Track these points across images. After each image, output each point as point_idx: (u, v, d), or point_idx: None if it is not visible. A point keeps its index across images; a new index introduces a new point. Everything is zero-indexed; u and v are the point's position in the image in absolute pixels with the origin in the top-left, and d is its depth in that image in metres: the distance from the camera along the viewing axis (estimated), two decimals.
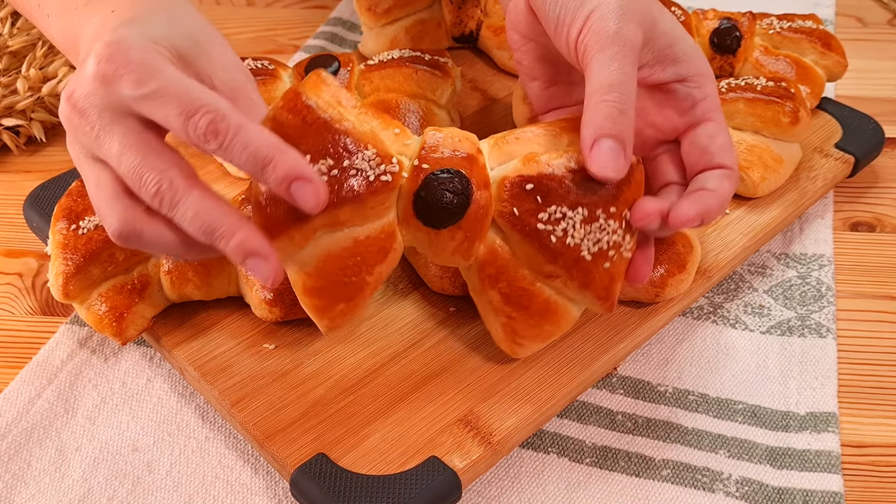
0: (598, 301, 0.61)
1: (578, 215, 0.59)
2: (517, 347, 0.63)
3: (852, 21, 1.13)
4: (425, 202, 0.58)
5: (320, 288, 0.58)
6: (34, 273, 0.78)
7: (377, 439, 0.61)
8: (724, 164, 0.63)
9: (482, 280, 0.61)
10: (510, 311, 0.61)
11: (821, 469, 0.63)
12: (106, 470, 0.63)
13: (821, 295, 0.75)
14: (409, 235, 0.60)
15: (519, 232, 0.59)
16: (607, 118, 0.58)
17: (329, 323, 0.59)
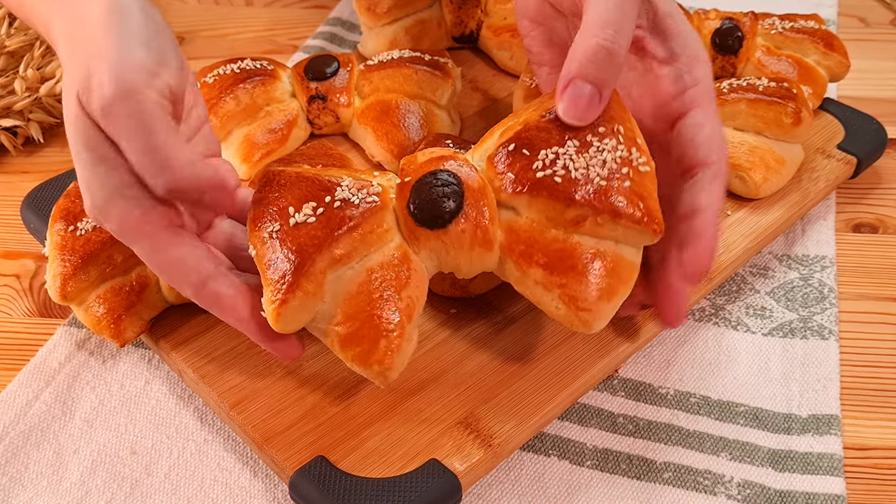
0: (638, 226, 0.57)
1: (570, 148, 0.57)
2: (586, 314, 0.58)
3: (854, 21, 1.13)
4: (420, 206, 0.57)
5: (354, 332, 0.56)
6: (32, 274, 0.78)
7: (377, 442, 0.61)
8: (708, 160, 0.61)
9: (518, 264, 0.58)
10: (560, 280, 0.57)
11: (823, 472, 0.63)
12: (104, 472, 0.63)
13: (823, 297, 0.75)
14: (425, 251, 0.59)
15: (524, 193, 0.57)
16: (593, 58, 0.56)
17: (379, 368, 0.56)
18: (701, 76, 0.62)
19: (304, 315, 0.56)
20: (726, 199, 0.79)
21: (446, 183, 0.58)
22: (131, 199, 0.56)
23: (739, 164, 0.77)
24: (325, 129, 0.86)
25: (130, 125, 0.52)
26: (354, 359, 0.56)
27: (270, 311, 0.56)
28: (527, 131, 0.59)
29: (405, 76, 0.83)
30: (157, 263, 0.58)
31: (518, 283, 0.59)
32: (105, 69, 0.53)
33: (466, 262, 0.59)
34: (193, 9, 1.16)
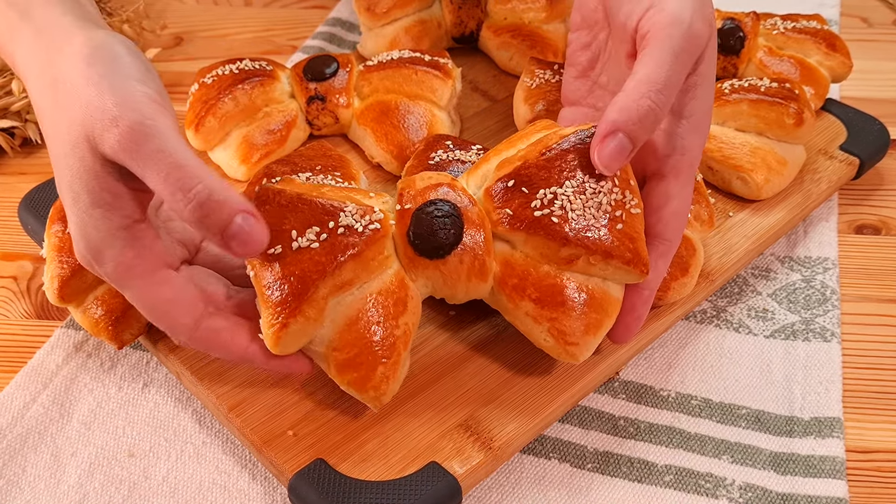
0: (628, 267, 0.59)
1: (569, 189, 0.59)
2: (573, 348, 0.60)
3: (857, 21, 1.13)
4: (420, 235, 0.58)
5: (352, 358, 0.57)
6: (29, 276, 0.78)
7: (376, 444, 0.61)
8: (663, 236, 0.62)
9: (510, 296, 0.60)
10: (549, 314, 0.60)
11: (825, 475, 0.63)
12: (102, 476, 0.63)
13: (825, 299, 0.75)
14: (422, 280, 0.60)
15: (521, 229, 0.59)
16: (644, 118, 0.56)
17: (375, 394, 0.58)
18: (692, 147, 0.62)
19: (302, 339, 0.57)
20: (728, 201, 0.79)
21: (446, 214, 0.59)
22: (126, 239, 0.56)
23: (741, 165, 0.78)
24: (324, 129, 0.86)
25: (155, 151, 0.52)
26: (350, 384, 0.58)
27: (270, 335, 0.56)
28: (526, 168, 0.60)
29: (405, 77, 0.84)
30: (150, 305, 0.58)
31: (508, 314, 0.62)
32: (112, 105, 0.52)
33: (462, 290, 0.61)
34: (192, 9, 1.16)
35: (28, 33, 0.59)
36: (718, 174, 0.79)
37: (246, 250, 0.53)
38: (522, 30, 0.94)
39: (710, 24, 0.61)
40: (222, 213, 0.51)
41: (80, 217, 0.55)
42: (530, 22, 0.95)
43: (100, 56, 0.55)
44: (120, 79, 0.54)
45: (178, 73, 1.03)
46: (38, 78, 0.57)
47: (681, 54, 0.58)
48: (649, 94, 0.57)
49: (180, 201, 0.51)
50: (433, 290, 0.61)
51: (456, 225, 0.59)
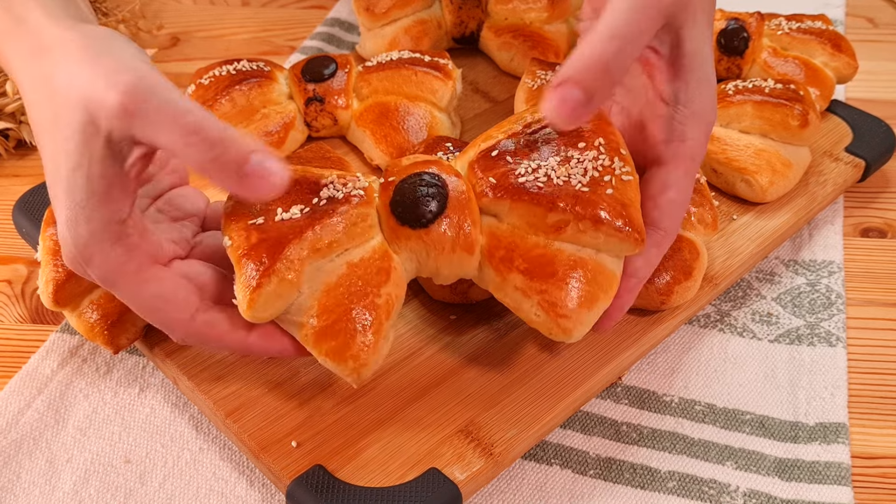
0: (619, 234, 0.57)
1: (552, 160, 0.59)
2: (565, 321, 0.58)
3: (863, 22, 1.14)
4: (402, 203, 0.58)
5: (330, 326, 0.56)
6: (24, 280, 0.79)
7: (376, 450, 0.61)
8: (659, 224, 0.62)
9: (497, 270, 0.59)
10: (539, 286, 0.58)
11: (831, 481, 0.63)
12: (97, 482, 0.64)
13: (830, 303, 0.75)
14: (405, 253, 0.59)
15: (505, 197, 0.58)
16: (590, 68, 0.55)
17: (354, 364, 0.56)
18: (693, 136, 0.62)
19: (278, 303, 0.56)
20: (732, 203, 0.79)
21: (430, 184, 0.58)
22: (114, 236, 0.55)
23: (745, 167, 0.78)
24: (322, 131, 0.86)
25: (161, 103, 0.51)
26: (328, 353, 0.56)
27: (243, 297, 0.55)
28: (508, 138, 0.60)
29: (404, 78, 0.84)
30: (143, 302, 0.57)
31: (497, 290, 0.60)
32: (108, 73, 0.52)
33: (447, 264, 0.59)
34: (189, 9, 1.16)
35: (23, 36, 0.59)
36: (722, 176, 0.79)
37: (263, 189, 0.51)
38: (524, 30, 0.94)
39: None
40: (238, 148, 0.51)
41: (71, 211, 0.54)
42: (532, 22, 0.95)
43: (94, 41, 0.55)
44: (116, 54, 0.54)
45: (174, 74, 1.03)
46: (33, 78, 0.57)
47: (633, 6, 0.56)
48: (600, 41, 0.55)
49: (194, 144, 0.50)
50: (418, 265, 0.60)
51: (440, 194, 0.58)
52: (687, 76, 0.61)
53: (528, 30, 0.94)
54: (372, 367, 0.57)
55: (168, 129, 0.51)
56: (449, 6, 0.96)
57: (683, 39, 0.60)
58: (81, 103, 0.52)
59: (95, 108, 0.52)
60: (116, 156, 0.53)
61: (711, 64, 0.63)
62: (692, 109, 0.62)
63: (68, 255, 0.57)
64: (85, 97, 0.52)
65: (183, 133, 0.51)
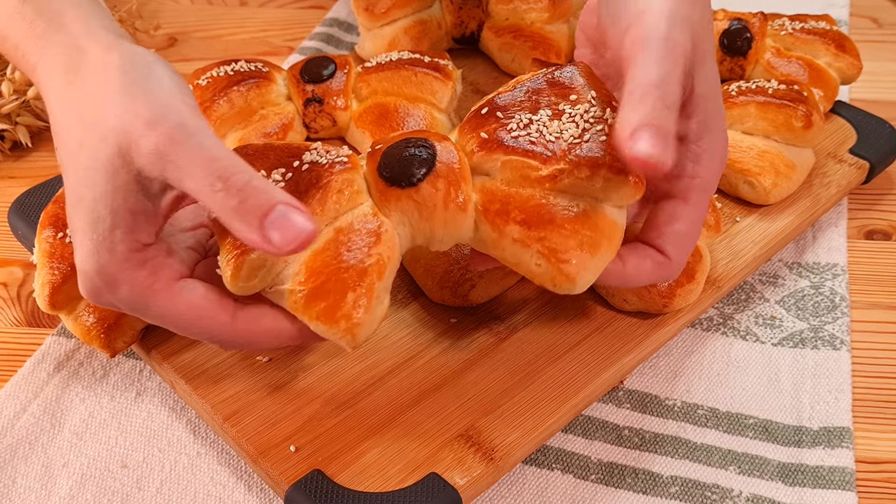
0: (619, 176, 0.57)
1: (544, 115, 0.59)
2: (567, 266, 0.57)
3: (867, 22, 1.14)
4: (389, 165, 0.58)
5: (319, 287, 0.55)
6: (19, 283, 0.79)
7: (375, 455, 0.61)
8: (661, 248, 0.62)
9: (493, 223, 0.58)
10: (537, 233, 0.57)
11: (834, 486, 0.63)
12: (94, 487, 0.64)
13: (834, 305, 0.75)
14: (396, 215, 0.58)
15: (497, 150, 0.58)
16: (653, 109, 0.55)
17: (346, 324, 0.55)
18: (704, 173, 0.62)
19: (262, 271, 0.55)
20: (735, 205, 0.79)
21: (418, 145, 0.58)
22: (137, 261, 0.55)
23: (748, 169, 0.78)
24: (321, 132, 0.86)
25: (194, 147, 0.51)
26: (319, 316, 0.55)
27: (226, 266, 0.55)
28: (499, 96, 0.60)
29: (404, 78, 0.84)
30: (179, 316, 0.57)
31: (495, 246, 0.59)
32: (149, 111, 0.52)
33: (440, 225, 0.58)
34: (187, 9, 1.16)
35: (58, 44, 0.57)
36: (725, 178, 0.79)
37: (288, 242, 0.50)
38: (524, 30, 0.95)
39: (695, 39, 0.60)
40: (261, 198, 0.50)
41: (95, 242, 0.54)
42: (533, 22, 0.95)
43: (135, 67, 0.55)
44: (155, 87, 0.54)
45: None
46: (64, 98, 0.56)
47: (665, 58, 0.57)
48: (648, 91, 0.56)
49: (219, 190, 0.50)
50: (411, 229, 0.59)
51: (428, 155, 0.58)
52: (699, 115, 0.61)
53: (529, 30, 0.95)
54: (366, 329, 0.56)
55: (196, 174, 0.51)
56: (449, 6, 0.96)
57: (696, 81, 0.61)
58: (113, 135, 0.52)
59: (129, 145, 0.52)
60: (144, 189, 0.53)
61: (721, 100, 0.63)
62: (703, 147, 0.62)
63: (90, 287, 0.56)
64: (120, 131, 0.52)
65: (210, 180, 0.50)
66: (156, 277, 0.55)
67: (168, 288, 0.56)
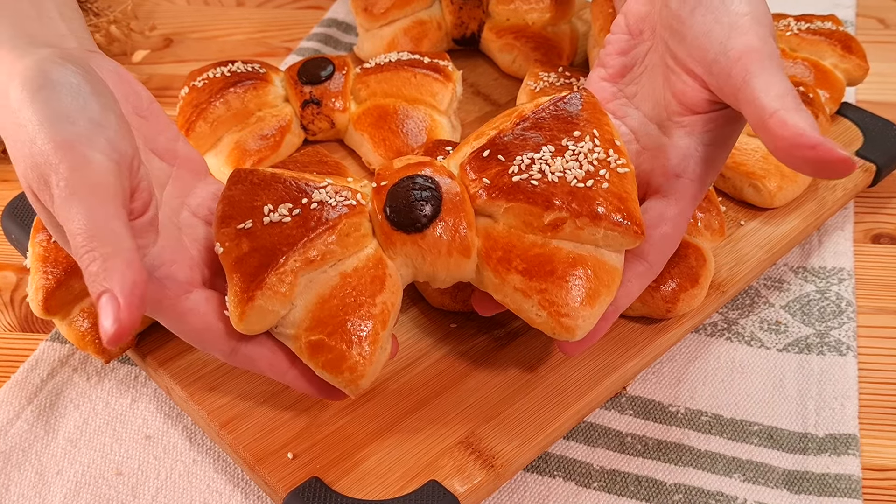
0: (619, 228, 0.58)
1: (546, 153, 0.59)
2: (567, 320, 0.58)
3: (873, 22, 1.14)
4: (396, 209, 0.58)
5: (325, 338, 0.56)
6: (13, 287, 0.79)
7: (374, 462, 0.61)
8: (646, 255, 0.62)
9: (496, 271, 0.59)
10: (538, 285, 0.58)
11: (841, 494, 0.63)
12: (88, 495, 0.64)
13: (840, 311, 0.76)
14: (401, 258, 0.59)
15: (500, 198, 0.58)
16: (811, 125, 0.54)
17: (351, 376, 0.56)
18: (703, 177, 0.63)
19: (270, 317, 0.56)
20: (740, 209, 0.79)
21: (423, 187, 0.59)
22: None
23: (753, 171, 0.78)
24: (319, 135, 0.86)
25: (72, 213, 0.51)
26: (324, 366, 0.56)
27: (234, 310, 0.56)
28: (501, 137, 0.61)
29: (403, 80, 0.84)
30: (185, 335, 0.58)
31: (497, 291, 0.60)
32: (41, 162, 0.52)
33: (444, 269, 0.60)
34: (182, 10, 1.16)
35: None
36: (730, 181, 0.80)
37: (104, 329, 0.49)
38: (526, 31, 0.95)
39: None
40: (98, 280, 0.49)
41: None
42: (534, 23, 0.95)
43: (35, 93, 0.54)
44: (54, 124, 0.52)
45: (167, 76, 1.03)
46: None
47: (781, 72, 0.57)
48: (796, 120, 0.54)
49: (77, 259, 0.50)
50: (414, 270, 0.60)
51: (434, 197, 0.58)
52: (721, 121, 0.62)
53: (531, 31, 0.95)
54: (369, 378, 0.57)
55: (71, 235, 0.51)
56: (449, 6, 0.96)
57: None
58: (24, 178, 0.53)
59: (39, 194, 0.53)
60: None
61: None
62: (713, 152, 0.63)
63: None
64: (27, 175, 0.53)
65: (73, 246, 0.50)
66: (163, 294, 0.56)
67: (176, 305, 0.57)
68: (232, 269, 0.57)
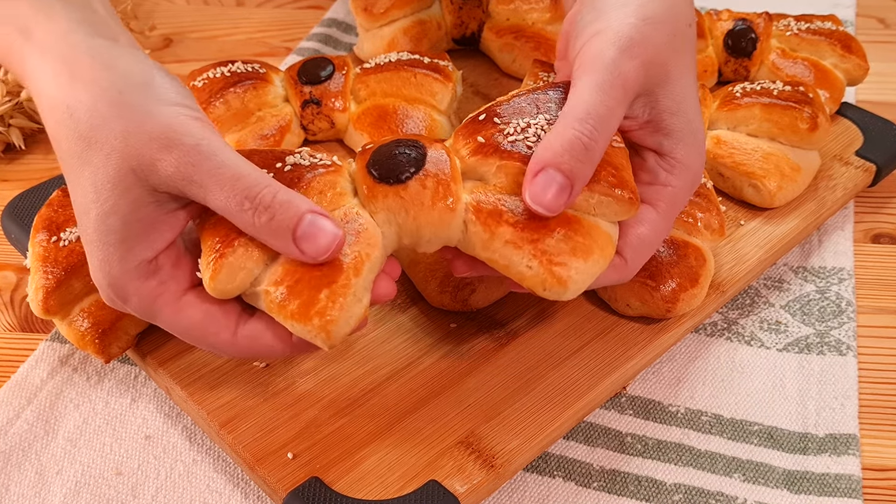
0: (613, 193, 0.58)
1: (541, 120, 0.59)
2: (560, 269, 0.57)
3: (873, 22, 1.14)
4: (378, 162, 0.58)
5: (293, 286, 0.55)
6: (13, 287, 0.79)
7: (374, 462, 0.61)
8: (621, 250, 0.62)
9: (485, 224, 0.57)
10: (530, 235, 0.57)
11: (841, 494, 0.63)
12: (88, 494, 0.64)
13: (840, 310, 0.76)
14: (383, 213, 0.57)
15: (493, 155, 0.58)
16: (569, 150, 0.56)
17: (320, 321, 0.54)
18: (677, 184, 0.62)
19: (241, 275, 0.55)
20: (740, 209, 0.79)
21: (408, 145, 0.58)
22: (147, 271, 0.56)
23: (753, 171, 0.78)
24: (319, 135, 0.86)
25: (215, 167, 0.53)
26: (293, 315, 0.55)
27: (206, 268, 0.56)
28: (498, 105, 0.61)
29: (403, 80, 0.84)
30: (184, 331, 0.58)
31: (485, 248, 0.58)
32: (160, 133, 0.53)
33: (427, 224, 0.58)
34: (182, 9, 1.17)
35: (34, 55, 0.57)
36: (730, 181, 0.80)
37: (319, 250, 0.53)
38: (526, 31, 0.95)
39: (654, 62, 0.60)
40: (289, 212, 0.53)
41: (105, 253, 0.55)
42: (534, 23, 0.95)
43: (128, 82, 0.55)
44: (158, 104, 0.55)
45: None
46: (52, 108, 0.56)
47: (601, 86, 0.58)
48: (572, 124, 0.56)
49: (248, 210, 0.53)
50: (398, 228, 0.58)
51: (419, 155, 0.58)
52: (667, 129, 0.62)
53: (531, 30, 0.95)
54: (341, 326, 0.55)
55: (221, 195, 0.53)
56: (449, 6, 0.96)
57: (658, 98, 0.61)
58: (120, 155, 0.53)
59: (143, 167, 0.53)
60: (158, 202, 0.55)
61: (698, 115, 0.63)
62: (677, 158, 0.63)
63: (104, 296, 0.58)
64: (130, 153, 0.53)
65: (237, 199, 0.53)
66: (163, 289, 0.57)
67: (174, 303, 0.57)
68: (205, 233, 0.57)
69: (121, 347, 0.67)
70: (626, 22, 0.60)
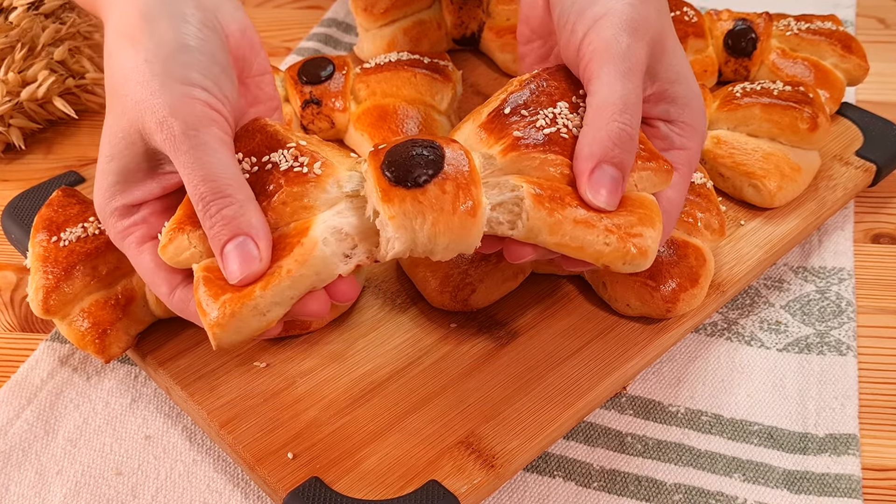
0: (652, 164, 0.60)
1: (564, 107, 0.60)
2: (640, 240, 0.57)
3: (874, 22, 1.14)
4: (394, 164, 0.56)
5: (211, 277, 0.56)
6: (13, 287, 0.79)
7: (374, 462, 0.61)
8: None
9: (551, 209, 0.56)
10: (597, 213, 0.57)
11: (841, 494, 0.63)
12: (88, 495, 0.64)
13: (841, 310, 0.76)
14: (398, 218, 0.55)
15: (535, 150, 0.58)
16: (618, 142, 0.57)
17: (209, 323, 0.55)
18: (691, 145, 0.64)
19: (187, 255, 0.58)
20: (740, 209, 0.79)
21: (425, 146, 0.57)
22: (125, 212, 0.61)
23: (753, 171, 0.78)
24: (319, 134, 0.86)
25: (192, 160, 0.56)
26: (198, 303, 0.56)
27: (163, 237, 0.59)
28: (518, 98, 0.61)
29: (403, 80, 0.84)
30: (139, 272, 0.62)
31: (554, 232, 0.57)
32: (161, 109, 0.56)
33: (446, 232, 0.56)
34: None
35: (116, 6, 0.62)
36: (730, 181, 0.80)
37: (232, 274, 0.55)
38: None
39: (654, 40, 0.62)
40: (226, 228, 0.55)
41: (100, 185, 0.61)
42: None
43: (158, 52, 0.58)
44: (173, 81, 0.57)
45: None
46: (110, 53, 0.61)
47: (627, 74, 0.59)
48: (613, 116, 0.58)
49: (201, 210, 0.56)
50: (412, 235, 0.56)
51: (436, 156, 0.57)
52: (671, 97, 0.64)
53: None
54: (230, 334, 0.55)
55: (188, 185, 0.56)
56: (449, 6, 0.96)
57: (659, 71, 0.63)
58: (130, 117, 0.58)
59: (145, 131, 0.58)
60: (157, 160, 0.60)
61: (694, 78, 0.65)
62: (688, 121, 0.64)
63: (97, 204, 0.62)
64: (136, 117, 0.58)
65: (196, 196, 0.56)
66: (134, 229, 0.61)
67: (138, 245, 0.61)
68: (183, 203, 0.59)
69: (121, 347, 0.67)
70: (624, 2, 0.61)
